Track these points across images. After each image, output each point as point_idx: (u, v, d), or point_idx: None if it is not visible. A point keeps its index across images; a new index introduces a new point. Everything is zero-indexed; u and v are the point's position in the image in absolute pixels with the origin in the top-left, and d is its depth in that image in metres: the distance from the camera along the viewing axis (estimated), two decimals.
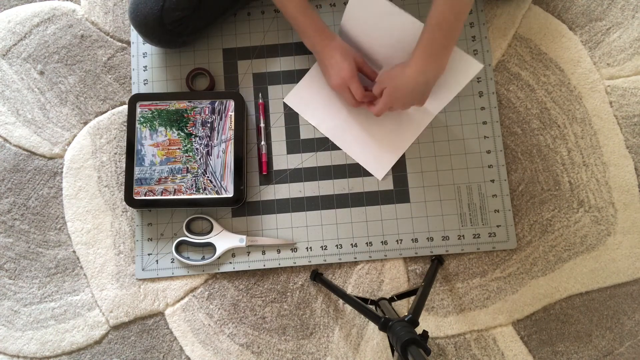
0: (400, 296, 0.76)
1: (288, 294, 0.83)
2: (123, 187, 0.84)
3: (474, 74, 0.74)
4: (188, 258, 0.83)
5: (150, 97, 0.83)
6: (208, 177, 0.81)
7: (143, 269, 0.84)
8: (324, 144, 0.86)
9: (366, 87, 0.81)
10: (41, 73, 0.91)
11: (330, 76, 0.79)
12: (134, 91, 0.89)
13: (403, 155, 0.85)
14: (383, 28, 0.77)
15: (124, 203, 0.85)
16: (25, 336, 0.84)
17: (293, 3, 0.76)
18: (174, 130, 0.82)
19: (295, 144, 0.86)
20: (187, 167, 0.81)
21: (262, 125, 0.86)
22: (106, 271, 0.85)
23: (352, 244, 0.83)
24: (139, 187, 0.81)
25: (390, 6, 0.74)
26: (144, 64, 0.89)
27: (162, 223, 0.85)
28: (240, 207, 0.84)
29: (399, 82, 0.73)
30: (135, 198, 0.81)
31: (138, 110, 0.83)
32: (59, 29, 0.92)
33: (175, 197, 0.81)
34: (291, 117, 0.87)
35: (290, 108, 0.87)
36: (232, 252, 0.84)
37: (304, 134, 0.86)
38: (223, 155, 0.82)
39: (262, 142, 0.85)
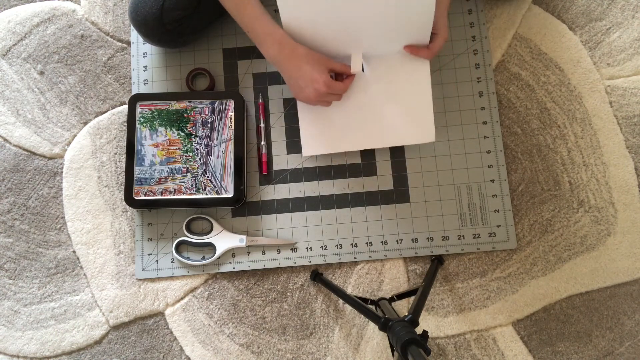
0: (400, 296, 0.76)
1: (288, 294, 0.83)
2: (123, 187, 0.84)
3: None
4: (188, 258, 0.83)
5: (150, 97, 0.83)
6: (208, 177, 0.81)
7: (143, 269, 0.84)
8: None
9: (333, 70, 0.75)
10: (41, 73, 0.91)
11: (302, 89, 0.73)
12: (134, 91, 0.89)
13: (403, 155, 0.85)
14: (330, 14, 0.69)
15: (124, 203, 0.85)
16: (25, 336, 0.84)
17: (249, 11, 0.70)
18: (174, 130, 0.82)
19: (295, 144, 0.86)
20: (187, 167, 0.81)
21: (262, 125, 0.86)
22: (106, 271, 0.85)
23: (352, 244, 0.83)
24: (139, 187, 0.81)
25: None
26: (144, 64, 0.89)
27: (162, 223, 0.85)
28: (240, 207, 0.84)
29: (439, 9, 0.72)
30: (135, 198, 0.81)
31: (138, 110, 0.83)
32: (59, 29, 0.92)
33: (175, 197, 0.81)
34: (291, 117, 0.87)
35: (290, 108, 0.87)
36: (232, 252, 0.84)
37: None
38: (223, 155, 0.82)
39: (262, 142, 0.85)
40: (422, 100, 0.79)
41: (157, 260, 0.84)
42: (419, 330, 0.58)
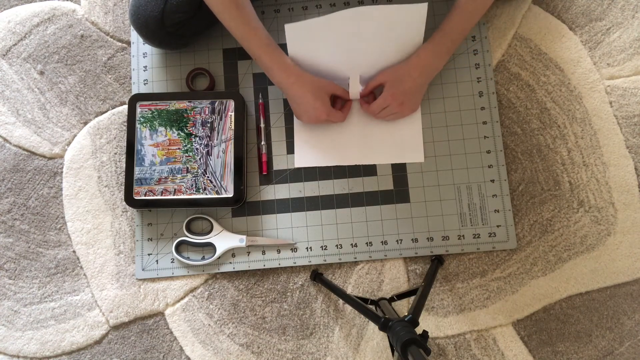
0: (400, 296, 0.76)
1: (288, 294, 0.83)
2: (123, 187, 0.84)
3: (424, 15, 0.72)
4: (188, 258, 0.83)
5: (150, 97, 0.83)
6: (208, 177, 0.81)
7: (143, 269, 0.84)
8: None
9: (337, 97, 0.82)
10: (41, 73, 0.91)
11: (304, 113, 0.79)
12: (134, 91, 0.89)
13: None
14: (332, 41, 0.75)
15: (124, 203, 0.84)
16: (25, 336, 0.84)
17: (256, 40, 0.73)
18: (174, 130, 0.82)
19: None
20: (187, 167, 0.82)
21: (262, 125, 0.86)
22: (106, 271, 0.85)
23: (352, 244, 0.83)
24: (139, 187, 0.81)
25: (324, 19, 0.71)
26: (144, 64, 0.89)
27: (162, 223, 0.85)
28: (240, 207, 0.84)
29: (402, 73, 0.76)
30: (135, 198, 0.81)
31: (138, 110, 0.83)
32: (59, 29, 0.93)
33: (175, 197, 0.81)
34: (291, 117, 0.87)
35: (290, 108, 0.87)
36: (232, 252, 0.84)
37: None
38: (223, 155, 0.82)
39: (262, 142, 0.85)
40: (412, 122, 0.85)
41: (157, 260, 0.84)
42: (419, 330, 0.58)
